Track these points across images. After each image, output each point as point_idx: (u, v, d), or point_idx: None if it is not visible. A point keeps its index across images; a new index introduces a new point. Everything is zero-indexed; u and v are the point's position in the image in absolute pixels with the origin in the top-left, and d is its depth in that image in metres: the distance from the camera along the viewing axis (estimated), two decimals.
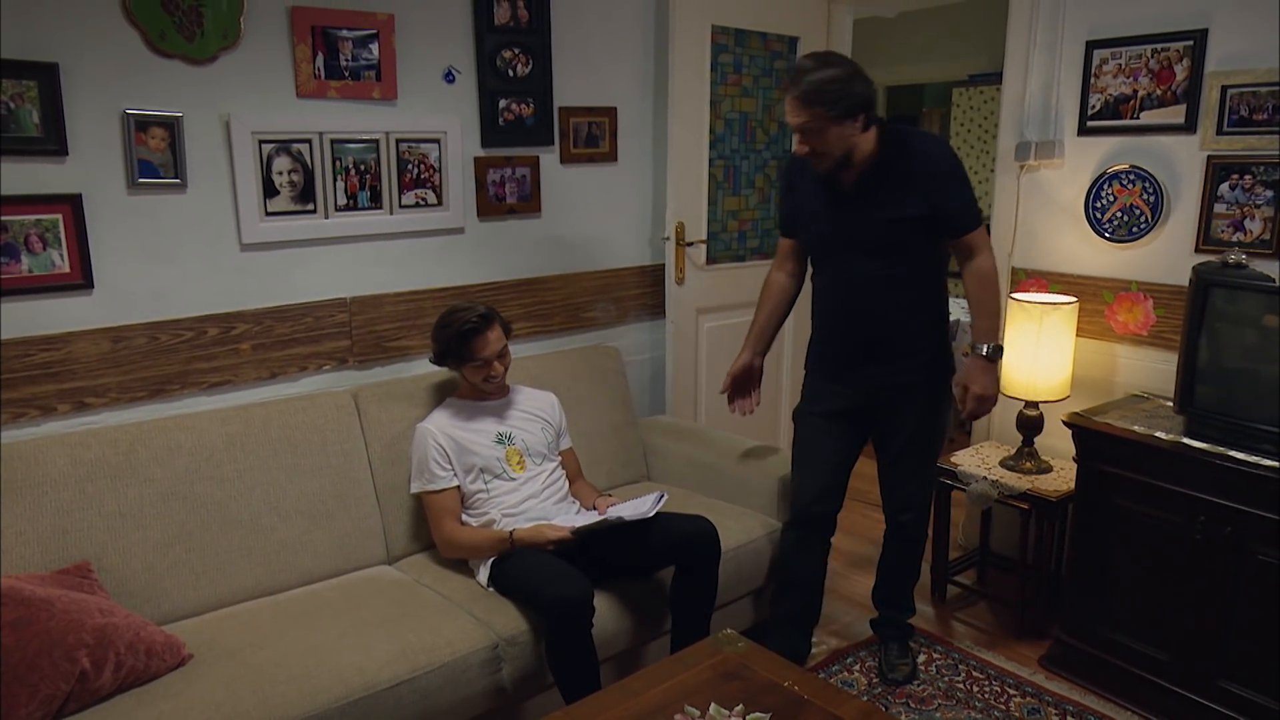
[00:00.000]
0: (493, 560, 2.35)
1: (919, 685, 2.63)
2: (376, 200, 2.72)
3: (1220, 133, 2.63)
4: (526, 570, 2.26)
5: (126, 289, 2.36)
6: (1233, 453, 2.27)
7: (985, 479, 2.91)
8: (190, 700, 1.86)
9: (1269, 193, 2.55)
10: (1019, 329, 2.86)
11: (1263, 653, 2.25)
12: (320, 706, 1.89)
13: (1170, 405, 2.58)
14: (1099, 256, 2.95)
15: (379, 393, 2.63)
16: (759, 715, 1.72)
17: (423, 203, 2.81)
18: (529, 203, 3.06)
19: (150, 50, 2.29)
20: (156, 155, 2.34)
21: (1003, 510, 3.12)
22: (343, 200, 2.66)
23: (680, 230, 3.31)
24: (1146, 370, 2.86)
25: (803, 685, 1.82)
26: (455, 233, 2.91)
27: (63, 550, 2.11)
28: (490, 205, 2.97)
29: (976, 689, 2.62)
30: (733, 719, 1.71)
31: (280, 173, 2.53)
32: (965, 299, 2.51)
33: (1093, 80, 2.89)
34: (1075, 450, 2.61)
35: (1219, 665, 2.34)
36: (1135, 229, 2.83)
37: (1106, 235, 2.89)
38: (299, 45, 2.50)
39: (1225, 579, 2.29)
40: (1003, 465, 2.98)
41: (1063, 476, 2.87)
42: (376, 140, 2.69)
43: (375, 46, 2.62)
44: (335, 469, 2.49)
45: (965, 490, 2.97)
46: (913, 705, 2.54)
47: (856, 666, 2.73)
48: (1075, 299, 2.89)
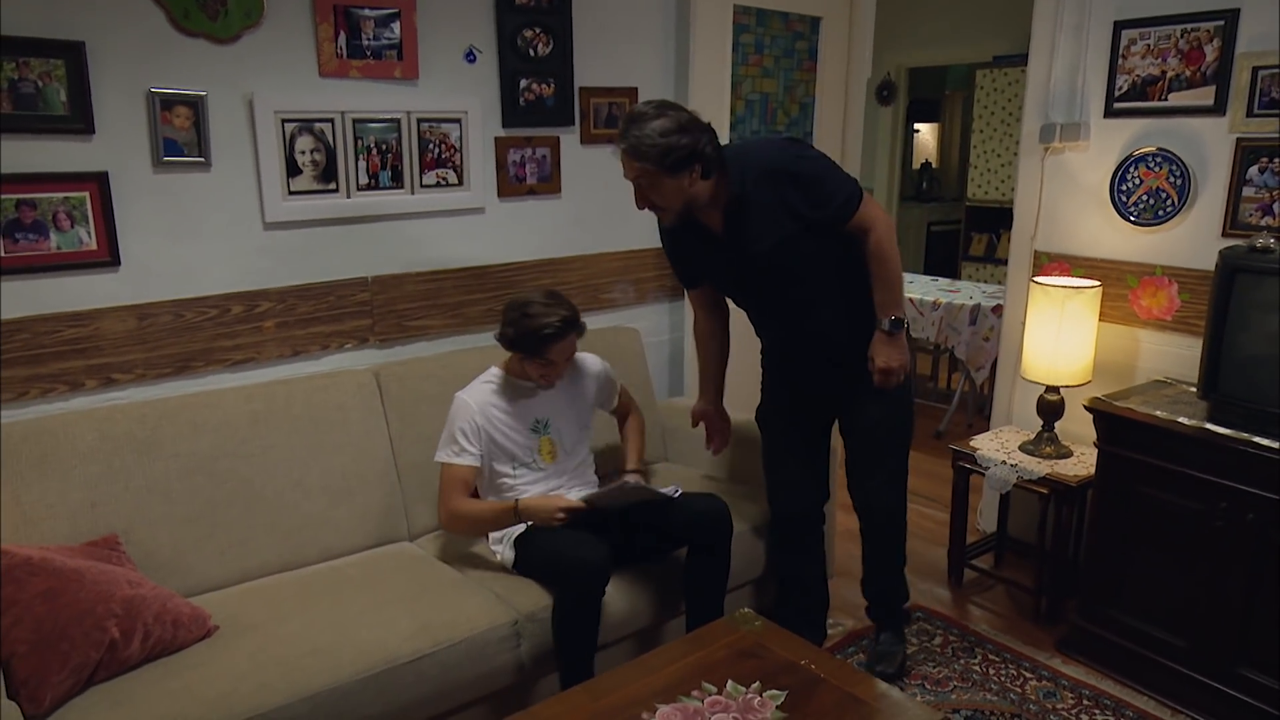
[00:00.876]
0: (516, 539, 2.36)
1: (935, 667, 2.64)
2: (398, 180, 2.73)
3: (1250, 115, 2.59)
4: (551, 541, 2.27)
5: (152, 267, 2.39)
6: (1257, 439, 2.25)
7: (1004, 463, 2.90)
8: (216, 671, 1.89)
9: None
10: (1041, 313, 2.85)
11: None
12: (343, 679, 1.93)
13: (1193, 391, 2.57)
14: (1123, 240, 2.92)
15: (400, 371, 2.65)
16: (775, 693, 1.73)
17: (444, 182, 2.82)
18: (549, 183, 3.06)
19: (175, 29, 2.31)
20: (181, 134, 2.36)
21: (1021, 495, 3.11)
22: (364, 180, 2.67)
23: None
24: (1169, 355, 2.84)
25: (819, 664, 1.84)
26: (476, 212, 2.92)
27: (91, 523, 2.15)
28: (511, 185, 2.97)
29: (992, 672, 2.62)
30: (750, 696, 1.72)
31: (303, 152, 2.55)
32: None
33: (1120, 61, 2.85)
34: (1096, 435, 2.60)
35: (1237, 651, 2.33)
36: (1161, 212, 2.80)
37: (1131, 219, 2.87)
38: (321, 24, 2.50)
39: (1245, 565, 2.28)
40: (1022, 450, 2.97)
41: (1083, 462, 2.86)
42: (398, 120, 2.69)
43: (397, 26, 2.63)
44: (357, 446, 2.51)
45: (984, 474, 2.96)
46: (928, 687, 2.55)
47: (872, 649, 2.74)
48: (1098, 283, 2.87)
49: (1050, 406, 2.93)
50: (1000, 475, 2.90)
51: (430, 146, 2.77)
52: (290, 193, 2.55)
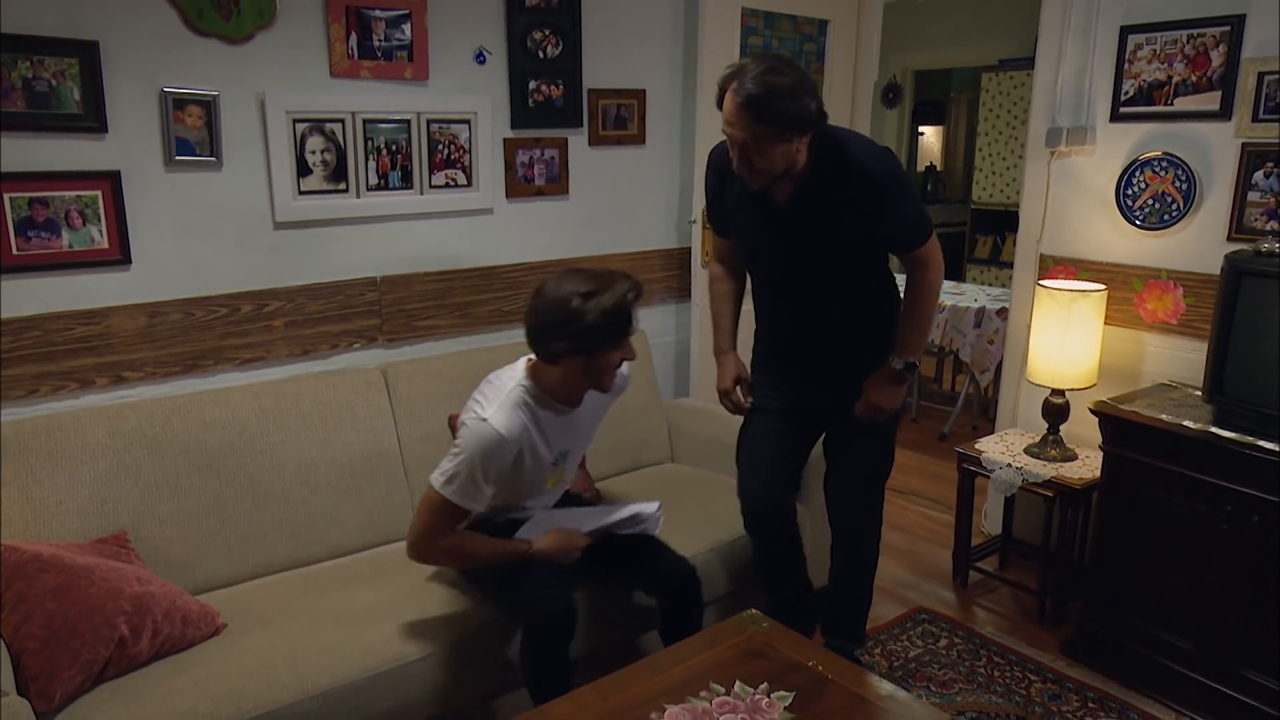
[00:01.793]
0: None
1: (940, 669, 2.65)
2: (407, 180, 2.74)
3: (1256, 120, 2.60)
4: (513, 582, 2.09)
5: (163, 265, 2.40)
6: (1262, 442, 2.26)
7: (1009, 466, 2.91)
8: (225, 668, 1.90)
9: None
10: (1047, 316, 2.85)
11: None
12: (351, 676, 1.93)
13: (1198, 394, 2.57)
14: (1129, 244, 2.93)
15: (408, 370, 2.66)
16: (783, 693, 1.74)
17: (453, 183, 2.83)
18: (557, 184, 3.07)
19: (188, 29, 2.32)
20: (193, 133, 2.37)
21: (1025, 498, 3.11)
22: (374, 180, 2.68)
23: (707, 213, 3.31)
24: (1175, 359, 2.85)
25: (826, 665, 1.84)
26: (484, 213, 2.93)
27: (101, 520, 2.16)
28: (519, 186, 2.98)
29: (997, 674, 2.63)
30: (758, 697, 1.73)
31: (313, 152, 2.56)
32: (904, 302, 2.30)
33: (1127, 66, 2.86)
34: (1101, 438, 2.61)
35: (1243, 654, 2.34)
36: (1166, 216, 2.80)
37: (1137, 223, 2.87)
38: (333, 25, 2.52)
39: (1250, 568, 2.29)
40: (1027, 452, 2.97)
41: (1087, 465, 2.86)
42: (408, 120, 2.70)
43: (408, 27, 2.64)
44: (365, 444, 2.52)
45: (989, 477, 2.97)
46: (933, 689, 2.56)
47: (877, 650, 2.75)
48: (1104, 287, 2.88)
49: (1055, 409, 2.94)
50: (1005, 478, 2.91)
51: (439, 147, 2.78)
52: (300, 192, 2.56)
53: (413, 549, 2.04)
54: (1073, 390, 2.89)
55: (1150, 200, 2.84)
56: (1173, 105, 2.78)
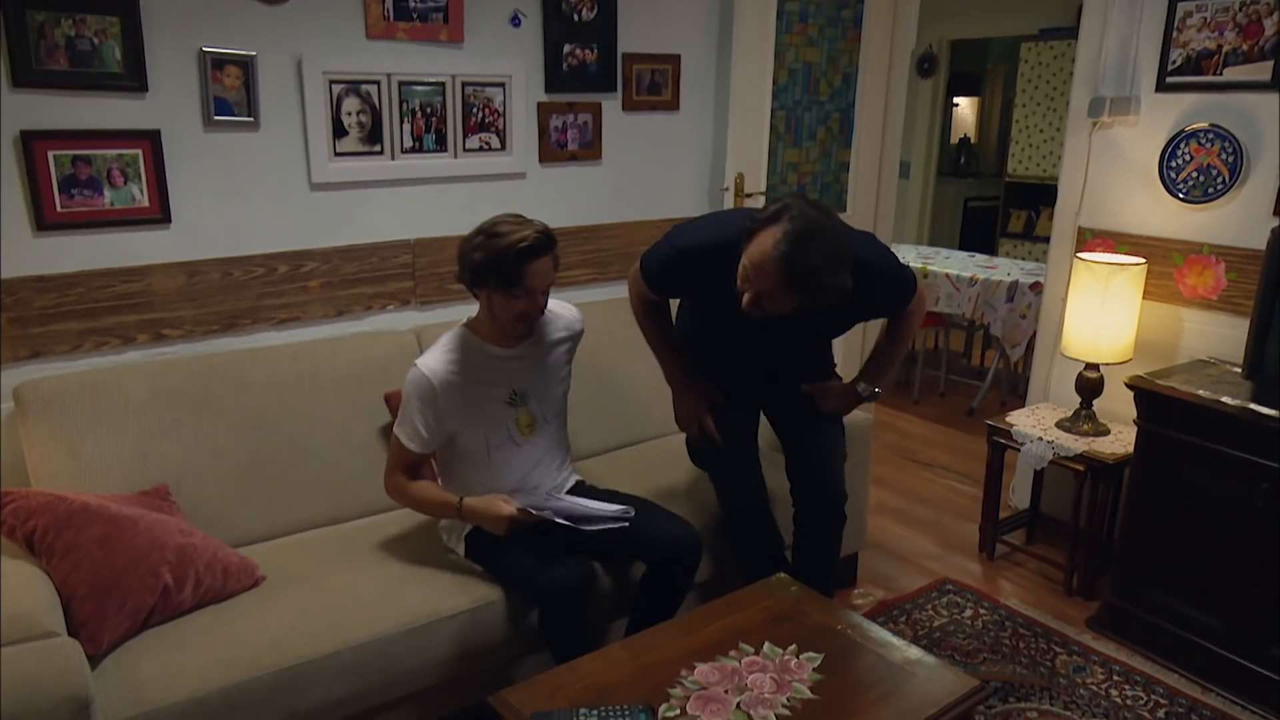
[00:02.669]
0: (468, 534, 2.19)
1: (964, 639, 2.66)
2: (441, 143, 2.75)
3: None
4: (510, 559, 2.09)
5: (202, 224, 2.43)
6: None
7: (1040, 439, 2.89)
8: (265, 619, 1.95)
9: None
10: (1084, 289, 2.82)
11: None
12: (387, 630, 1.97)
13: (1237, 371, 2.54)
14: (1170, 218, 2.88)
15: (441, 333, 2.67)
16: (812, 655, 1.76)
17: (486, 147, 2.84)
18: (590, 149, 3.06)
19: None
20: (231, 94, 2.39)
21: (1054, 472, 3.10)
22: (409, 142, 2.69)
23: (740, 181, 3.30)
24: (1214, 335, 2.81)
25: (855, 630, 1.86)
26: (517, 177, 2.93)
27: (142, 474, 2.20)
28: (552, 151, 2.98)
29: (1022, 645, 2.63)
30: (786, 658, 1.75)
31: (349, 113, 2.57)
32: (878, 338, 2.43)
33: (1175, 34, 2.79)
34: (1136, 413, 2.58)
35: (1272, 631, 2.33)
36: (1211, 190, 2.75)
37: (1180, 196, 2.82)
38: None
39: None
40: (1059, 426, 2.96)
41: (1120, 440, 2.84)
42: (443, 83, 2.70)
43: None
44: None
45: (1019, 450, 2.96)
46: (958, 658, 2.57)
47: (902, 619, 2.76)
48: (1143, 261, 2.83)
49: (1089, 384, 2.91)
50: (1036, 451, 2.89)
51: (474, 110, 2.78)
52: (336, 154, 2.58)
53: (384, 484, 2.21)
54: (1108, 365, 2.86)
55: (1194, 173, 2.78)
56: (1222, 75, 2.71)
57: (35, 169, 2.17)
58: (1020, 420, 3.04)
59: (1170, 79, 2.83)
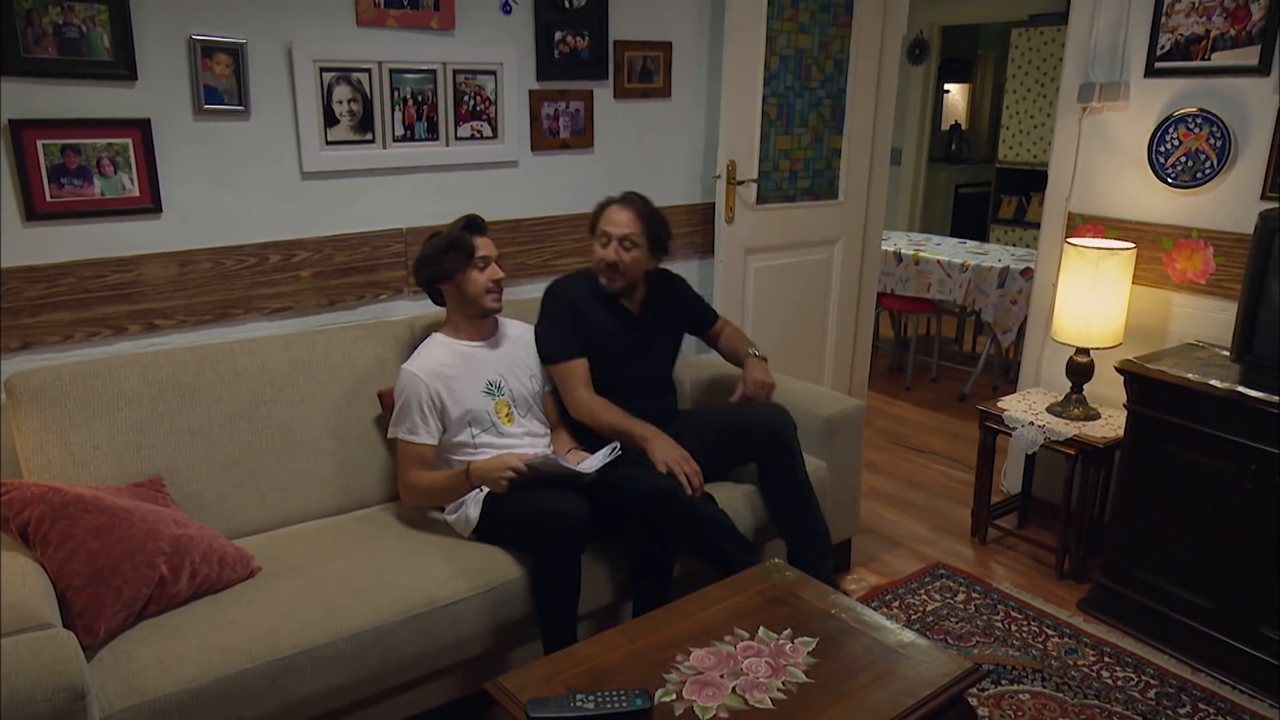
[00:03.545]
0: (484, 501, 2.26)
1: (957, 623, 2.68)
2: (433, 131, 2.74)
3: None
4: (527, 496, 2.16)
5: (193, 214, 2.42)
6: None
7: (1032, 424, 2.91)
8: (261, 608, 1.95)
9: None
10: (1074, 274, 2.83)
11: None
12: (384, 619, 1.98)
13: (1225, 354, 2.56)
14: (1160, 202, 2.89)
15: (433, 324, 2.68)
16: (806, 639, 1.77)
17: (478, 135, 2.83)
18: (582, 137, 3.06)
19: None
20: (221, 82, 2.37)
21: (1046, 456, 3.12)
22: (400, 131, 2.68)
23: (732, 169, 3.29)
24: (1202, 319, 2.83)
25: (850, 614, 1.87)
26: (509, 165, 2.92)
27: (136, 465, 2.20)
28: (544, 139, 2.97)
29: (1015, 628, 2.66)
30: (781, 642, 1.77)
31: (340, 102, 2.56)
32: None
33: (1164, 19, 2.80)
34: (1126, 397, 2.60)
35: (1261, 612, 2.36)
36: (1200, 174, 2.77)
37: (1169, 180, 2.84)
38: None
39: (1274, 527, 2.29)
40: (1050, 411, 2.98)
41: (1110, 424, 2.86)
42: (434, 71, 2.69)
43: None
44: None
45: (1010, 435, 2.98)
46: (950, 641, 2.59)
47: (896, 603, 2.78)
48: (1133, 245, 2.85)
49: (1080, 368, 2.93)
50: (1028, 436, 2.91)
51: (465, 98, 2.77)
52: (328, 142, 2.56)
53: (401, 495, 2.39)
54: (1098, 349, 2.88)
55: (1183, 158, 2.80)
56: (1210, 60, 2.72)
57: (24, 158, 2.16)
58: (1012, 405, 3.06)
59: (1159, 64, 2.84)
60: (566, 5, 2.89)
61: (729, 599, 1.92)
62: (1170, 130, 2.81)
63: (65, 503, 1.87)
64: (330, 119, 2.55)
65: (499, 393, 2.42)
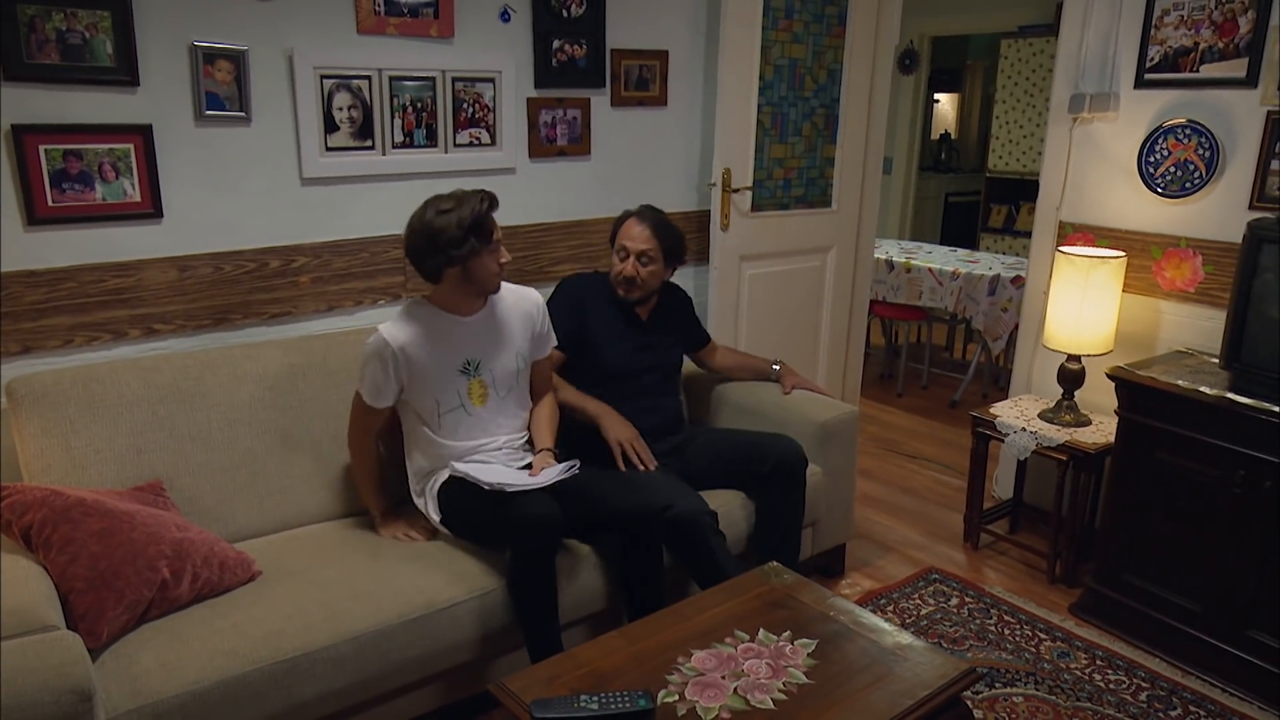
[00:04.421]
0: (439, 497, 2.29)
1: (951, 627, 2.71)
2: (432, 138, 2.76)
3: None
4: (482, 505, 2.16)
5: (193, 219, 2.43)
6: (1277, 408, 2.29)
7: (1024, 430, 2.94)
8: (262, 611, 1.96)
9: None
10: (1065, 282, 2.87)
11: None
12: (384, 622, 1.99)
13: (1214, 361, 2.60)
14: (1149, 212, 2.94)
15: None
16: (806, 641, 1.79)
17: (476, 142, 2.85)
18: (579, 144, 3.08)
19: None
20: (223, 88, 2.38)
21: (1037, 462, 3.16)
22: (400, 137, 2.70)
23: (727, 176, 3.32)
24: (1191, 327, 2.87)
25: (849, 616, 1.89)
26: (507, 172, 2.94)
27: (137, 469, 2.20)
28: (541, 146, 3.00)
29: (1008, 632, 2.69)
30: (781, 644, 1.79)
31: (340, 108, 2.57)
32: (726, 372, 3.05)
33: (1153, 32, 2.85)
34: (1117, 403, 2.64)
35: (1250, 616, 2.39)
36: (1188, 184, 2.81)
37: (1159, 190, 2.88)
38: None
39: (1261, 532, 2.33)
40: (1041, 417, 3.01)
41: (1101, 430, 2.90)
42: (433, 78, 2.71)
43: None
44: None
45: (1002, 441, 3.01)
46: (945, 645, 2.62)
47: (890, 608, 2.81)
48: (1123, 254, 2.89)
49: (1071, 375, 2.97)
50: (1020, 442, 2.95)
51: (464, 106, 2.79)
52: (328, 149, 2.58)
53: (348, 438, 2.39)
54: (1089, 356, 2.91)
55: (1172, 168, 2.84)
56: (1198, 72, 2.77)
57: (26, 163, 2.17)
58: (1004, 411, 3.09)
59: (1149, 75, 2.88)
60: (564, 14, 2.92)
61: (728, 602, 1.94)
62: (1160, 141, 2.86)
63: (67, 506, 1.88)
64: (330, 125, 2.57)
65: (475, 372, 2.33)
